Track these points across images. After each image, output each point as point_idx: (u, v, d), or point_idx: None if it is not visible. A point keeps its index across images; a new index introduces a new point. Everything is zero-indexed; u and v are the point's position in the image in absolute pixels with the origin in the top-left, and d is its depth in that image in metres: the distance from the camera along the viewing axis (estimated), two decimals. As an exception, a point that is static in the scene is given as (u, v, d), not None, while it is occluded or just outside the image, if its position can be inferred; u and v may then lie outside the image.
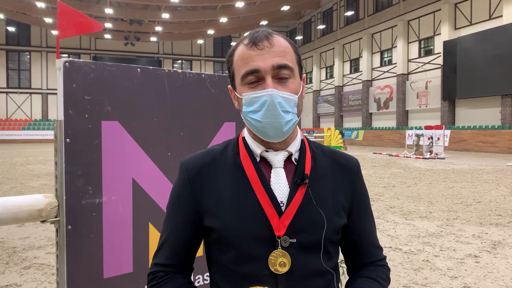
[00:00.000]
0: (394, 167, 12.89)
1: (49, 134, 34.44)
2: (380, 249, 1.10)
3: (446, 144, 18.95)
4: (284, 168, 0.98)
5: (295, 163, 0.99)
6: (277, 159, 0.97)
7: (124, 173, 1.45)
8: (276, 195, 0.95)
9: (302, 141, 1.03)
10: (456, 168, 12.57)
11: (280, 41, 0.94)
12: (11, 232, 4.81)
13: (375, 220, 5.52)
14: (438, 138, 17.23)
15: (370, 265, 1.06)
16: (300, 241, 0.93)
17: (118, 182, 1.43)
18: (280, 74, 0.92)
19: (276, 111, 0.90)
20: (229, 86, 1.04)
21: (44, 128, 35.36)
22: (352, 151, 21.63)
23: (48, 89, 38.20)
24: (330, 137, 23.68)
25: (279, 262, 0.91)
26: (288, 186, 0.96)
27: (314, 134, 25.96)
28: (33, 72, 38.04)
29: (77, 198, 1.34)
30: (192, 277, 1.63)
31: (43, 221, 1.32)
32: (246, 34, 0.98)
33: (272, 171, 0.97)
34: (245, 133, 1.03)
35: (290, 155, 0.99)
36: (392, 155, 18.40)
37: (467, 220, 5.48)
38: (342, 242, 1.05)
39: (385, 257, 1.09)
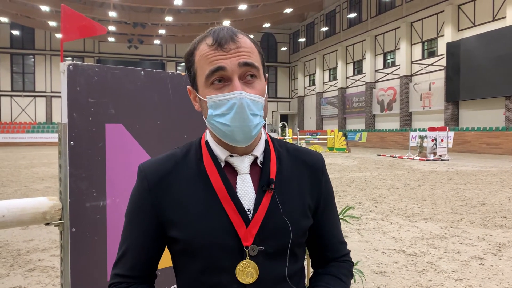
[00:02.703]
0: (397, 169, 12.85)
1: (54, 137, 34.55)
2: (345, 244, 1.08)
3: (450, 145, 18.86)
4: (250, 172, 0.94)
5: (261, 166, 0.96)
6: (243, 165, 0.93)
7: (128, 176, 1.45)
8: (242, 202, 0.90)
9: (266, 141, 0.99)
10: (460, 169, 12.51)
11: (246, 41, 0.89)
12: (15, 234, 4.82)
13: (379, 222, 5.51)
14: (442, 140, 17.17)
15: (333, 261, 1.05)
16: (267, 248, 0.90)
17: (122, 185, 1.43)
18: (247, 73, 0.88)
19: (245, 114, 0.85)
20: (189, 87, 0.97)
21: (48, 131, 35.50)
22: (355, 153, 21.59)
23: (52, 92, 38.37)
24: (334, 139, 23.67)
25: (247, 272, 0.88)
26: (255, 191, 0.92)
27: (318, 136, 25.96)
28: (37, 75, 38.24)
29: (81, 201, 1.35)
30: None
31: (47, 224, 1.32)
32: (207, 31, 0.91)
33: (238, 177, 0.93)
34: (208, 136, 0.97)
35: (256, 158, 0.96)
36: (396, 157, 18.33)
37: (472, 222, 5.45)
38: (308, 239, 1.03)
39: (349, 252, 1.08)
